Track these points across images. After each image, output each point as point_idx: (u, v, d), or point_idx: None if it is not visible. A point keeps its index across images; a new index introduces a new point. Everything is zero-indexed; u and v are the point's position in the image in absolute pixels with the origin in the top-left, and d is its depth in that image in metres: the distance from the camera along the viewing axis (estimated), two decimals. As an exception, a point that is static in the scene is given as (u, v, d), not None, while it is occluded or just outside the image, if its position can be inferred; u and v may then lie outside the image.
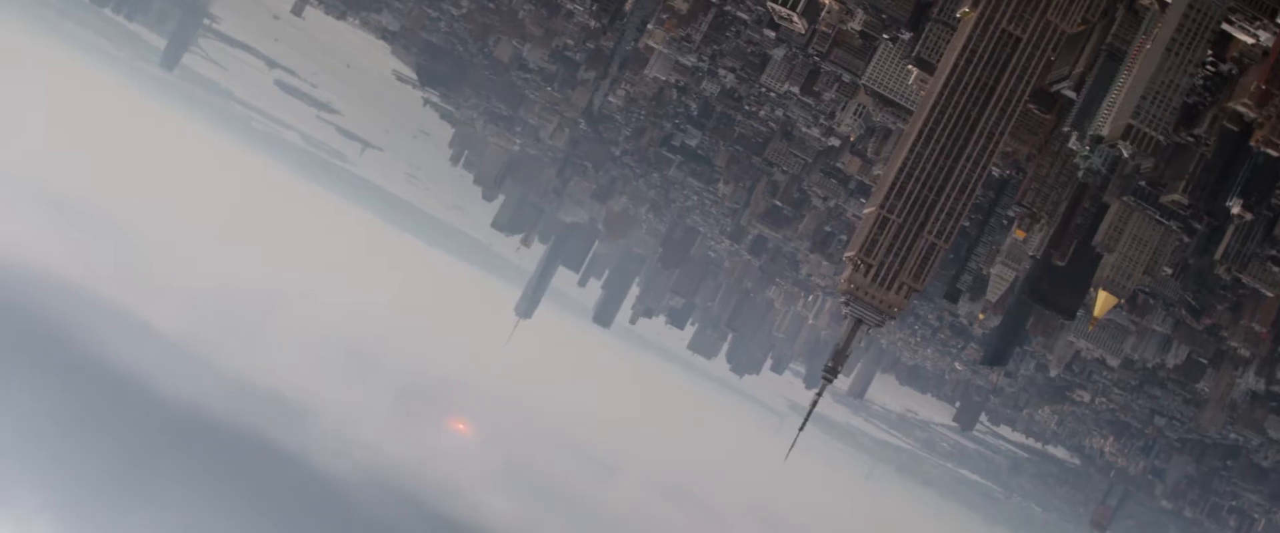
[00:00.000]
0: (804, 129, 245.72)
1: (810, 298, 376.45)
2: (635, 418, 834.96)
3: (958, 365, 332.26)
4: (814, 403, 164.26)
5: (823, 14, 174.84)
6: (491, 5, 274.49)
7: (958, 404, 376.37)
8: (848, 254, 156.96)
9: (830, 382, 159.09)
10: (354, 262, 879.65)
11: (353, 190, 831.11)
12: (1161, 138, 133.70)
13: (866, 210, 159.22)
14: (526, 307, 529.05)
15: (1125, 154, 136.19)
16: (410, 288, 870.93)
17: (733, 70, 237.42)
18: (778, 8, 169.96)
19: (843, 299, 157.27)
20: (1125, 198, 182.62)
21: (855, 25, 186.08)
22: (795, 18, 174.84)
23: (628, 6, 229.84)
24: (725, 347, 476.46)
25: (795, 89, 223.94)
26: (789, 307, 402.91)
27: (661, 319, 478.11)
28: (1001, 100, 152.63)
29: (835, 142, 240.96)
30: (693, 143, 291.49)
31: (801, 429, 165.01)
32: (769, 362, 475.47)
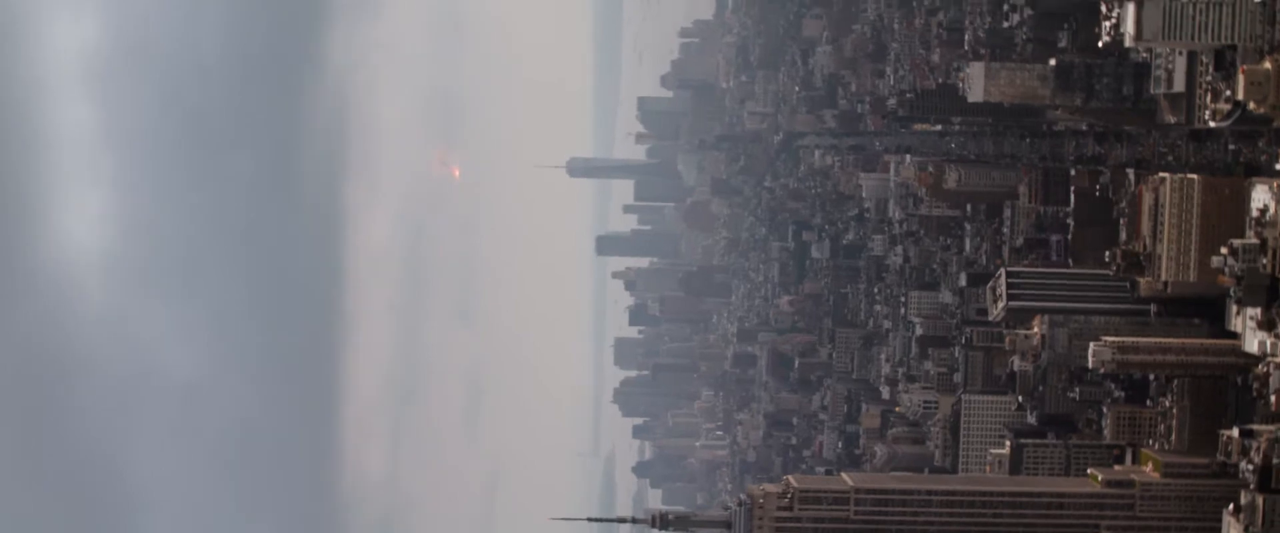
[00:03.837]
0: (881, 355, 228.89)
1: (719, 435, 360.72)
2: (520, 318, 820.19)
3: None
4: (620, 520, 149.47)
5: (1017, 331, 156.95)
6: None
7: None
8: (791, 479, 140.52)
9: (649, 525, 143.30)
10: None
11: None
12: None
13: (845, 476, 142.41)
14: (577, 170, 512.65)
15: None
16: (535, 52, 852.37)
17: (907, 261, 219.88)
18: (1000, 290, 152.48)
19: (743, 497, 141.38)
20: None
21: (1017, 364, 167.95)
22: (997, 306, 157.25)
23: (921, 125, 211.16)
24: (633, 375, 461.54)
25: (920, 330, 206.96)
26: (702, 419, 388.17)
27: (629, 301, 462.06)
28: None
29: (885, 391, 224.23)
30: (813, 252, 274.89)
31: (588, 519, 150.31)
32: (639, 421, 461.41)
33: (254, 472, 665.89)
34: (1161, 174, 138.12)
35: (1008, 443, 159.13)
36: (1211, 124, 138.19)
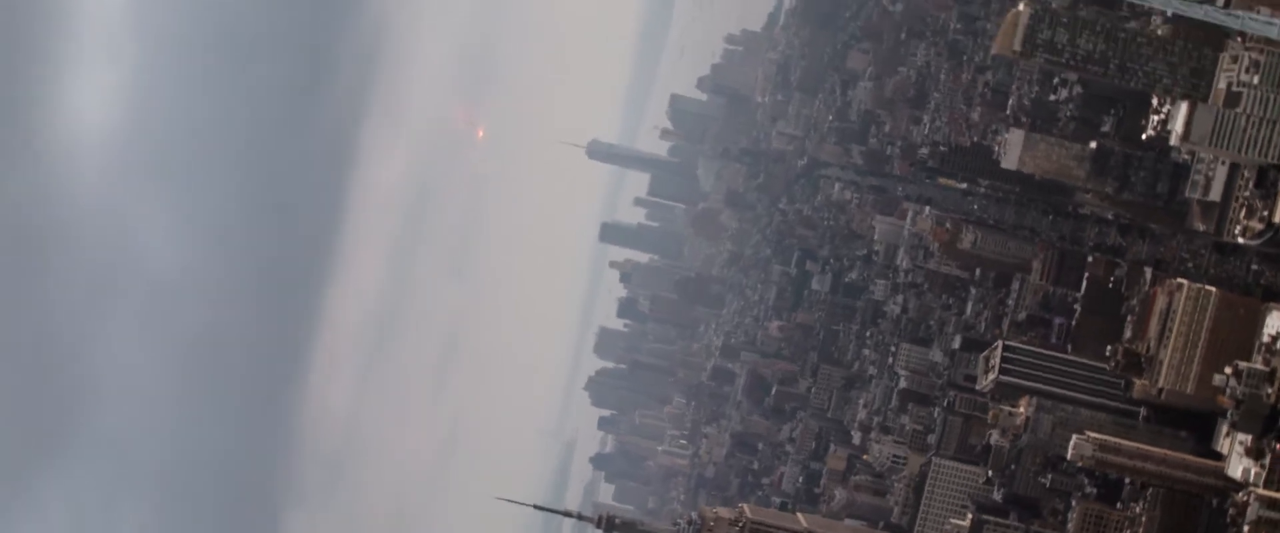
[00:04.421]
0: (859, 399, 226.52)
1: (683, 444, 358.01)
2: (510, 286, 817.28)
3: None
4: (566, 514, 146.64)
5: (1002, 406, 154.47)
6: (931, 37, 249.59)
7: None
8: (746, 508, 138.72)
9: (594, 525, 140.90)
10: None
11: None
12: None
13: (800, 516, 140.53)
14: (597, 153, 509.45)
15: None
16: (579, 28, 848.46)
17: (905, 311, 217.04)
18: (994, 361, 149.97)
19: (694, 516, 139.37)
20: None
21: (994, 438, 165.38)
22: (987, 377, 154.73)
23: (947, 180, 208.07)
24: (609, 367, 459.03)
25: (904, 383, 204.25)
26: (669, 425, 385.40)
27: (621, 293, 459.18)
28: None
29: (857, 437, 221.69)
30: (813, 283, 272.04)
31: (535, 507, 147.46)
32: (607, 413, 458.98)
33: (216, 380, 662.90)
34: (1180, 280, 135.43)
35: (969, 515, 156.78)
36: (1240, 240, 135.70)
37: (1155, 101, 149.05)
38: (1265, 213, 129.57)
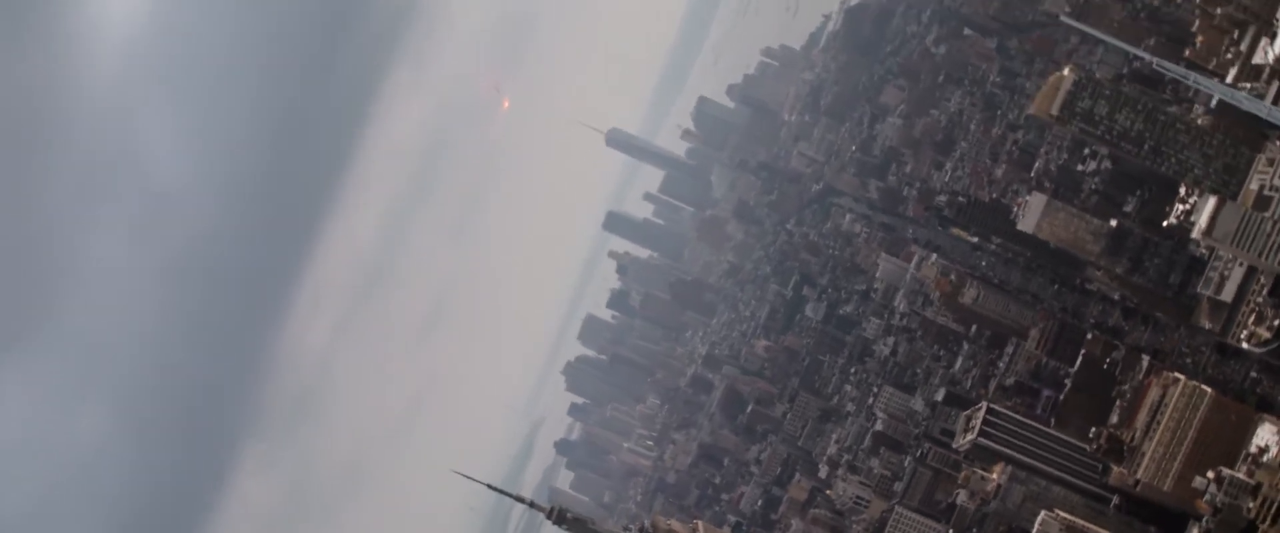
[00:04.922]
0: (832, 434, 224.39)
1: (649, 445, 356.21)
2: (506, 258, 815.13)
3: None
4: (518, 499, 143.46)
5: (976, 468, 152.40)
6: (969, 86, 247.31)
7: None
8: (701, 525, 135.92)
9: (545, 515, 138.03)
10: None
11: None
12: None
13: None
14: (616, 141, 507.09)
15: None
16: (621, 15, 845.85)
17: (893, 354, 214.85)
18: (975, 422, 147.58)
19: (646, 524, 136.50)
20: None
21: (961, 498, 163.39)
22: (966, 436, 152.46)
23: (959, 231, 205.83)
24: (590, 355, 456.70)
25: (878, 425, 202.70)
26: (639, 424, 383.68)
27: (614, 285, 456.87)
28: None
29: (823, 470, 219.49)
30: (806, 309, 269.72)
31: (488, 487, 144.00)
32: (579, 401, 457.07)
33: (197, 298, 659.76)
34: (1176, 374, 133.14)
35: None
36: (1244, 345, 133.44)
37: (1183, 190, 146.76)
38: (1275, 322, 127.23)
